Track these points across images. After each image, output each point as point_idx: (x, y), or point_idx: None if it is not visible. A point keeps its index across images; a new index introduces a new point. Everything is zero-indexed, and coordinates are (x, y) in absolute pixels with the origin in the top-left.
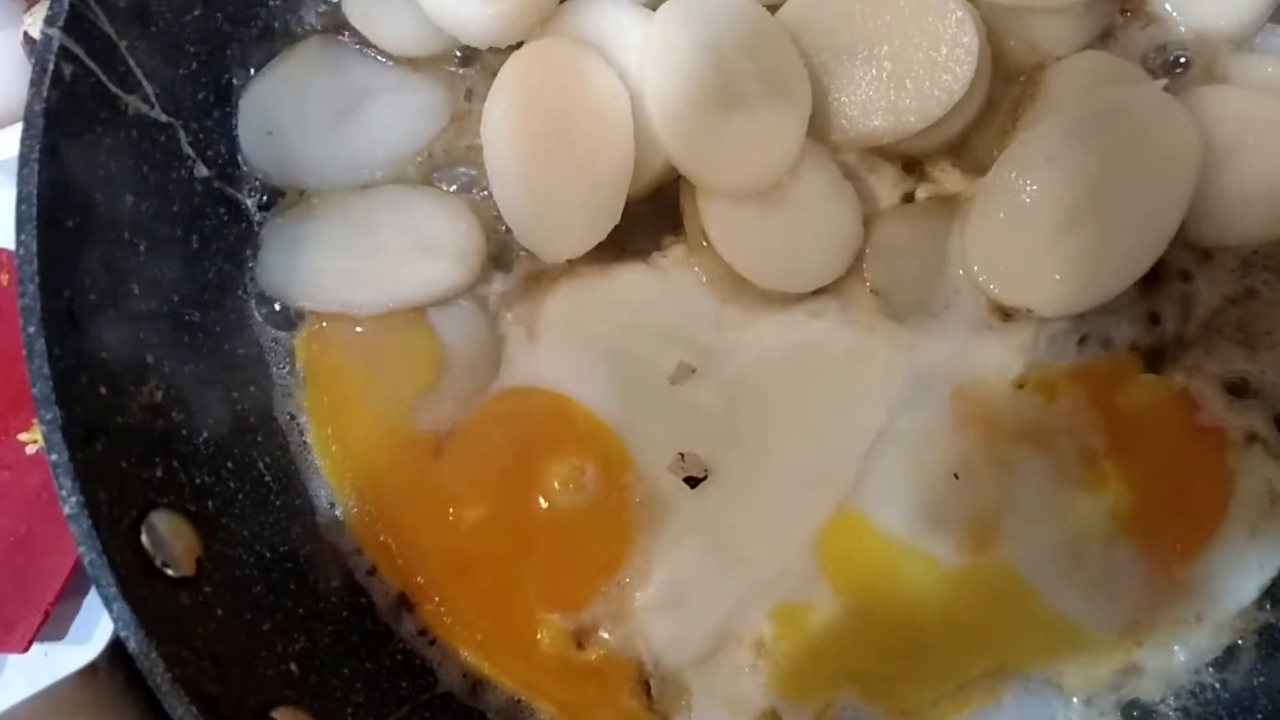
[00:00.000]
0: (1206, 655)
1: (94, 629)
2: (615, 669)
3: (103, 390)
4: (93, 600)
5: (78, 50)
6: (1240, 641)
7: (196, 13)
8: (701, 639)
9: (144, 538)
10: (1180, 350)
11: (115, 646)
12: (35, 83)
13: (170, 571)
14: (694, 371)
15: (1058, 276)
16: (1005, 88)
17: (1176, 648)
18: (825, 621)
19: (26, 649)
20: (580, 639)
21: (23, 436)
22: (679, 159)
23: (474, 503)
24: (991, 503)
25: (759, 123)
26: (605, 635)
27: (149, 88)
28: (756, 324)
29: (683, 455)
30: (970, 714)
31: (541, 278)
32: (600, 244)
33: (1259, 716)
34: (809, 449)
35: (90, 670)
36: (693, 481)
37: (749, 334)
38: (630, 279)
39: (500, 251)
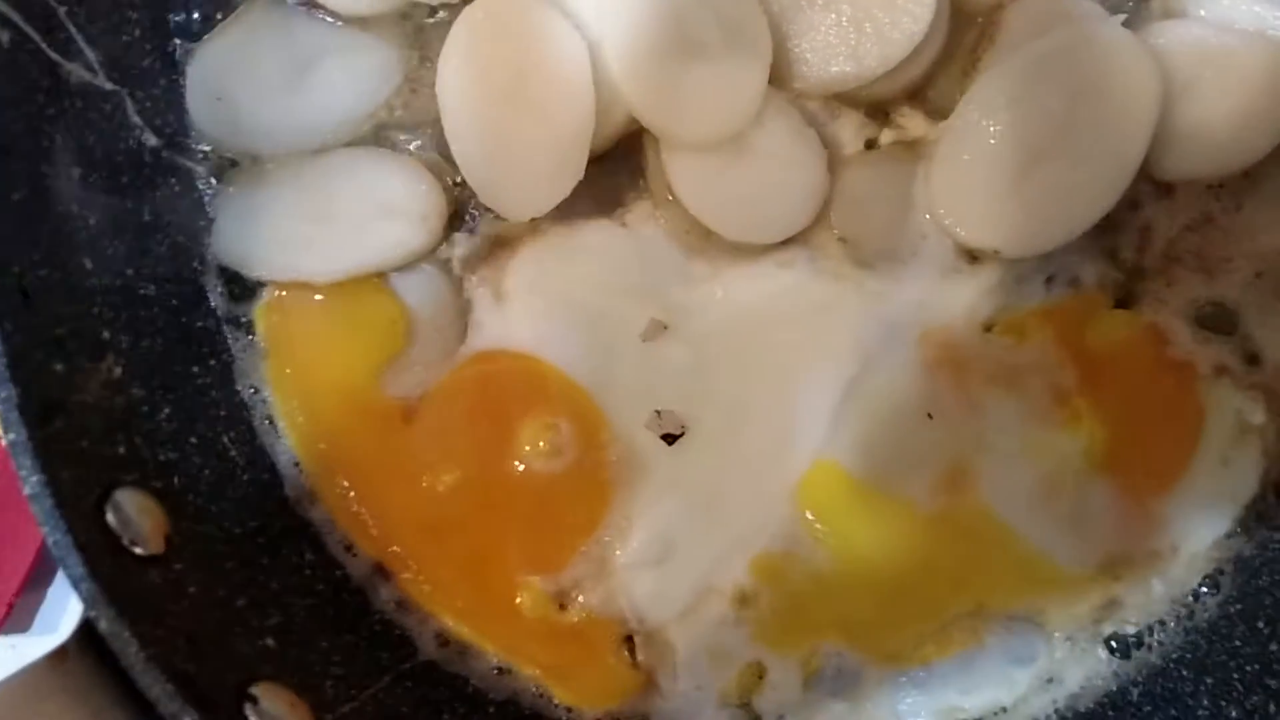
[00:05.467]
0: (1184, 587)
1: (60, 619)
2: (598, 629)
3: (59, 367)
4: (57, 591)
5: (14, 16)
6: (1216, 572)
7: None
8: (683, 594)
9: (109, 516)
10: (1142, 281)
11: (85, 629)
12: None
13: (139, 550)
14: (665, 328)
15: (1023, 217)
16: (964, 30)
17: (1154, 580)
18: (806, 570)
19: None
20: (561, 600)
21: None
22: (640, 111)
23: (448, 468)
24: (965, 445)
25: (720, 72)
26: (586, 595)
27: (92, 55)
28: (725, 277)
29: (659, 412)
30: (954, 655)
31: (505, 238)
32: (564, 201)
33: (1237, 644)
34: (783, 400)
35: (59, 655)
36: (670, 438)
37: (719, 287)
38: (596, 236)
39: (461, 212)
